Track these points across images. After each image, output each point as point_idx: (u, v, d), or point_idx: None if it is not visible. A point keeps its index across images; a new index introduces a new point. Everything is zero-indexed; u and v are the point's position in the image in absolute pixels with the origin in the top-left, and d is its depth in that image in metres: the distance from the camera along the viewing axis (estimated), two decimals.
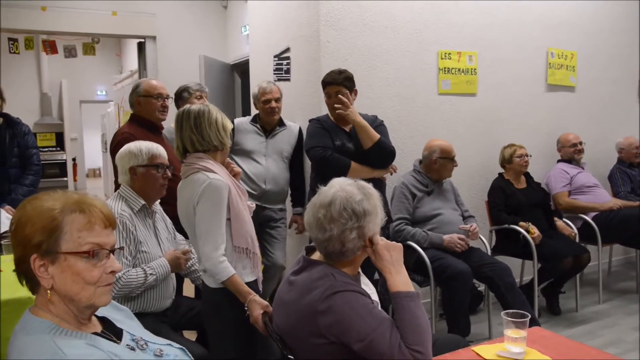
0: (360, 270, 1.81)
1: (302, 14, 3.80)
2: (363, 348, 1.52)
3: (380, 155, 3.23)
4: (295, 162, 3.69)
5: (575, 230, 4.15)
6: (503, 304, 3.27)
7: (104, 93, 12.42)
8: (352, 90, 3.26)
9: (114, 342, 1.31)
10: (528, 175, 4.26)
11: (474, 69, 4.26)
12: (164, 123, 3.32)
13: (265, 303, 2.10)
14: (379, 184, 3.25)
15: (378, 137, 3.19)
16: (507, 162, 4.17)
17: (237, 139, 3.53)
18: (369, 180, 1.85)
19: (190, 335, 2.78)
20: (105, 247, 1.27)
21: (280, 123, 3.64)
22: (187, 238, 2.58)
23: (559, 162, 4.64)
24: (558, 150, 4.68)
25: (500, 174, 4.21)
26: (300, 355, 1.64)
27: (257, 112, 3.68)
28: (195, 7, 6.42)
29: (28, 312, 1.26)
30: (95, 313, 1.34)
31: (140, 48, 6.49)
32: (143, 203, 2.44)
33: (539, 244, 3.76)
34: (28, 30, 6.16)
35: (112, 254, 1.29)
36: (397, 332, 1.53)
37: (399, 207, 3.50)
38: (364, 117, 3.25)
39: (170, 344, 1.46)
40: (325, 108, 3.37)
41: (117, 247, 1.35)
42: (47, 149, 10.68)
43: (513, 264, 3.67)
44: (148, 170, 2.46)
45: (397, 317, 1.58)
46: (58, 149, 11.28)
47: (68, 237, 1.23)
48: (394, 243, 1.70)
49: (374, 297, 1.75)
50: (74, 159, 11.75)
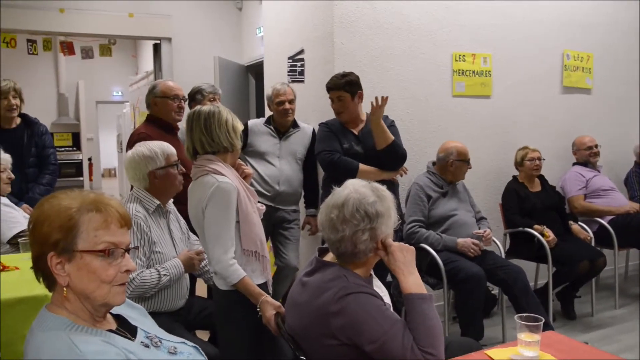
0: (373, 272, 1.81)
1: (316, 16, 3.81)
2: (375, 350, 1.52)
3: (393, 157, 3.24)
4: (309, 163, 3.70)
5: (591, 234, 4.10)
6: (517, 308, 3.24)
7: (120, 94, 12.52)
8: (355, 94, 3.25)
9: (129, 339, 1.33)
10: (543, 178, 4.22)
11: (489, 71, 4.23)
12: (179, 124, 3.35)
13: (278, 304, 2.10)
14: (392, 186, 3.23)
15: (392, 138, 3.18)
16: (519, 164, 4.15)
17: (250, 141, 3.55)
18: (382, 182, 1.85)
19: (203, 335, 2.80)
20: (121, 246, 1.29)
21: (294, 125, 3.65)
22: None
23: (575, 165, 4.59)
24: (573, 153, 4.64)
25: (515, 177, 4.18)
26: (312, 356, 1.65)
27: (271, 113, 3.69)
28: (210, 8, 6.46)
29: (45, 309, 1.28)
30: (110, 311, 1.35)
31: (156, 49, 6.55)
32: (158, 203, 2.45)
33: (554, 248, 3.73)
34: (46, 32, 6.25)
35: (127, 253, 1.31)
36: (409, 334, 1.53)
37: (414, 209, 3.48)
38: None
39: (184, 342, 1.48)
40: None
41: (131, 246, 1.36)
42: (63, 149, 10.77)
43: (527, 268, 3.64)
44: (167, 171, 2.46)
45: (409, 318, 1.58)
46: (74, 149, 11.40)
47: (84, 235, 1.24)
48: (407, 245, 1.70)
49: (387, 299, 1.75)
50: (90, 159, 11.86)
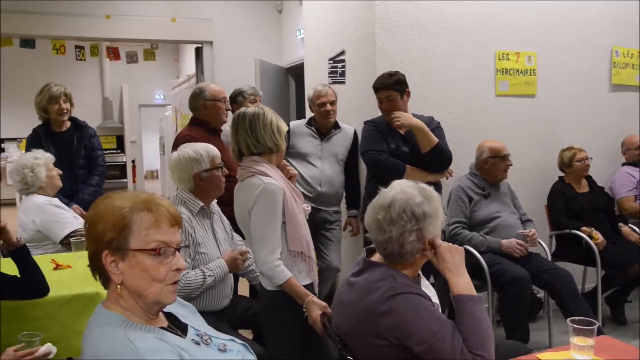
0: (421, 273, 1.79)
1: (357, 16, 3.80)
2: (424, 351, 1.51)
3: (438, 160, 3.18)
4: (350, 164, 3.70)
5: None
6: (564, 312, 3.16)
7: (162, 97, 12.79)
8: (403, 93, 3.21)
9: (180, 336, 1.35)
10: (590, 179, 4.10)
11: (533, 70, 4.14)
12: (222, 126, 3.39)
13: (324, 304, 2.10)
14: (436, 188, 3.20)
15: (437, 141, 3.12)
16: (566, 166, 4.02)
17: (292, 142, 3.57)
18: (427, 184, 1.83)
19: (246, 335, 2.82)
20: (171, 245, 1.31)
21: (336, 126, 3.65)
22: (244, 238, 2.60)
23: (624, 165, 4.44)
24: (623, 153, 4.48)
25: (561, 178, 4.07)
26: (360, 356, 1.64)
27: (312, 115, 3.71)
28: (251, 11, 6.52)
29: (101, 305, 1.31)
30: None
31: (198, 53, 6.66)
32: (201, 205, 2.48)
33: (603, 250, 3.61)
34: (93, 38, 6.43)
35: (177, 252, 1.33)
36: (458, 335, 1.52)
37: (456, 210, 3.43)
38: (420, 118, 3.20)
39: (233, 340, 1.50)
40: None
41: (182, 245, 1.39)
42: (108, 152, 11.08)
43: (574, 271, 3.54)
44: (212, 174, 2.50)
45: (458, 320, 1.56)
46: (118, 151, 11.73)
47: (137, 234, 1.27)
48: (456, 246, 1.68)
49: (435, 299, 1.73)
50: (134, 161, 12.18)
